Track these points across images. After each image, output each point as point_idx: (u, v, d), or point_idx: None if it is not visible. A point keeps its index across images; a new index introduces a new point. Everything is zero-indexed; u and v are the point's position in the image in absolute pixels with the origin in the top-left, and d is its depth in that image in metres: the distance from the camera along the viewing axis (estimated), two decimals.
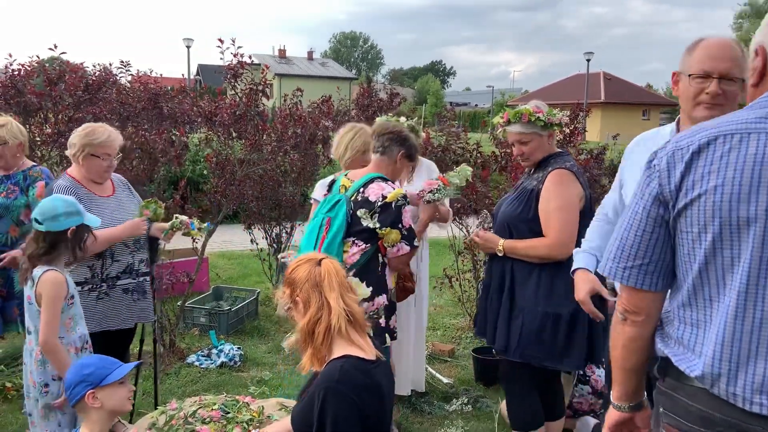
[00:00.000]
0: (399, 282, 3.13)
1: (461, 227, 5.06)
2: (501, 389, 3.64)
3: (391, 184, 2.93)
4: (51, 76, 5.55)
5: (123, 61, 6.14)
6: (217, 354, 4.58)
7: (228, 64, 4.76)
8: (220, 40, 4.68)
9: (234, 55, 4.73)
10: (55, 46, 5.78)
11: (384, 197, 2.83)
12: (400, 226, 2.85)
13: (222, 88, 5.44)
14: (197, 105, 5.51)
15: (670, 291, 1.51)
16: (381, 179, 2.92)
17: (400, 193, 2.87)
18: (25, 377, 2.65)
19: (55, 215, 2.51)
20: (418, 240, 3.06)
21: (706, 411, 1.37)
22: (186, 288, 4.75)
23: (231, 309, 5.27)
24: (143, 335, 3.51)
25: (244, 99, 4.85)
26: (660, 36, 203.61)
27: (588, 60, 30.46)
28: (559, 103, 4.22)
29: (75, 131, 3.11)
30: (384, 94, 7.18)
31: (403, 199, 2.88)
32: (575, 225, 2.76)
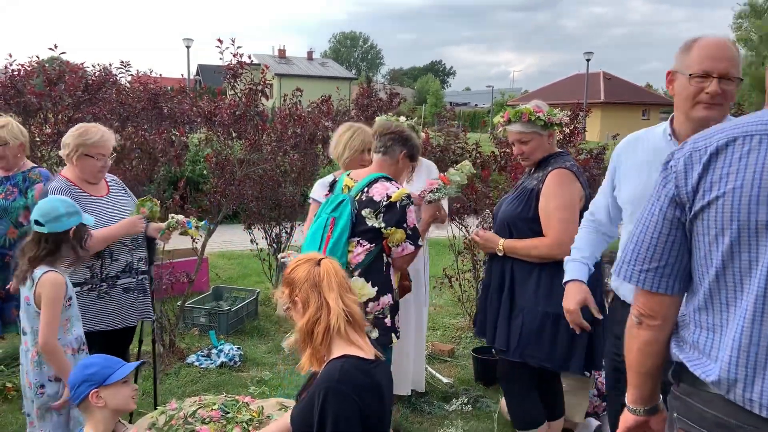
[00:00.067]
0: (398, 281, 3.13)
1: (461, 227, 5.06)
2: (500, 389, 3.64)
3: (395, 183, 2.94)
4: (51, 76, 5.55)
5: (123, 62, 6.15)
6: (217, 354, 4.58)
7: (227, 64, 4.75)
8: (219, 40, 4.68)
9: (233, 55, 4.72)
10: (55, 46, 5.79)
11: (389, 197, 2.83)
12: (404, 225, 2.86)
13: (222, 88, 5.43)
14: (197, 105, 5.50)
15: (686, 294, 1.48)
16: (385, 179, 2.92)
17: (404, 193, 2.87)
18: (22, 378, 2.65)
19: (57, 216, 2.50)
20: (421, 240, 3.06)
21: (721, 417, 1.35)
22: (186, 288, 4.74)
23: (231, 309, 5.26)
24: (142, 335, 3.51)
25: (243, 99, 4.84)
26: (660, 36, 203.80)
27: (588, 60, 30.46)
28: (559, 103, 4.22)
29: (68, 132, 3.07)
30: (384, 94, 7.19)
31: (408, 199, 2.88)
32: (575, 225, 2.75)
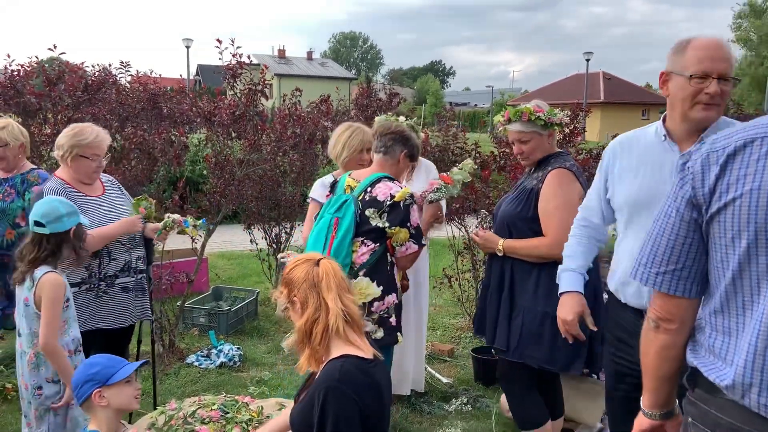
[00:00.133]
0: None
1: (461, 227, 5.06)
2: (500, 389, 3.64)
3: (398, 183, 2.95)
4: (50, 76, 5.56)
5: (122, 62, 6.16)
6: (217, 354, 4.58)
7: (227, 64, 4.75)
8: (218, 40, 4.67)
9: (233, 56, 4.72)
10: (55, 46, 5.80)
11: (392, 196, 2.83)
12: (408, 224, 2.86)
13: (221, 88, 5.43)
14: (196, 105, 5.51)
15: (702, 297, 1.46)
16: (387, 179, 2.93)
17: (407, 192, 2.88)
18: (18, 379, 2.64)
19: (59, 216, 2.50)
20: (425, 239, 3.06)
21: (736, 424, 1.33)
22: (185, 288, 4.74)
23: (230, 309, 5.26)
24: (140, 335, 3.50)
25: (243, 99, 4.84)
26: (660, 36, 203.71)
27: (587, 60, 30.48)
28: (559, 103, 4.21)
29: (62, 132, 3.04)
30: (383, 94, 7.19)
31: (411, 198, 2.90)
32: None
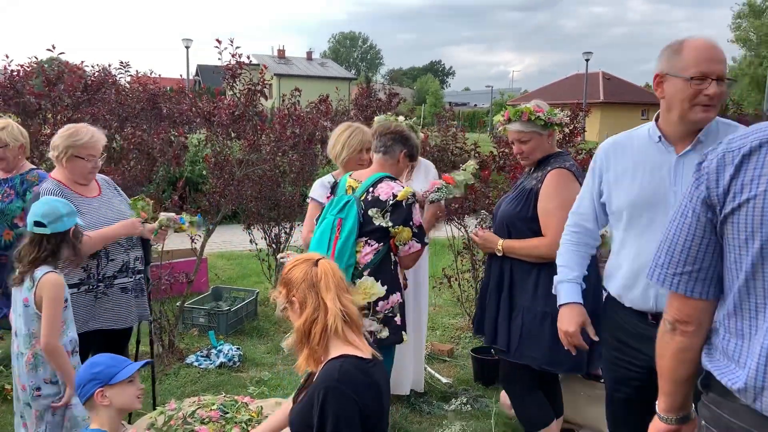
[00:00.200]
0: None
1: (460, 227, 5.06)
2: (500, 389, 3.64)
3: (400, 182, 2.96)
4: (50, 76, 5.56)
5: (122, 62, 6.17)
6: (216, 354, 4.58)
7: (226, 64, 4.75)
8: (217, 40, 4.68)
9: (232, 56, 4.72)
10: (54, 46, 5.80)
11: (395, 196, 2.85)
12: (411, 223, 2.88)
13: (221, 88, 5.43)
14: (195, 105, 5.51)
15: None
16: (389, 178, 2.94)
17: (409, 192, 2.90)
18: (14, 380, 2.63)
19: (59, 216, 2.50)
20: (427, 238, 3.07)
21: (748, 428, 1.32)
22: (185, 288, 4.74)
23: (230, 309, 5.26)
24: (139, 336, 3.50)
25: (242, 99, 4.84)
26: (659, 36, 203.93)
27: (587, 60, 30.48)
28: (559, 103, 4.21)
29: (57, 133, 3.02)
30: (383, 94, 7.20)
31: (413, 197, 2.91)
32: None
